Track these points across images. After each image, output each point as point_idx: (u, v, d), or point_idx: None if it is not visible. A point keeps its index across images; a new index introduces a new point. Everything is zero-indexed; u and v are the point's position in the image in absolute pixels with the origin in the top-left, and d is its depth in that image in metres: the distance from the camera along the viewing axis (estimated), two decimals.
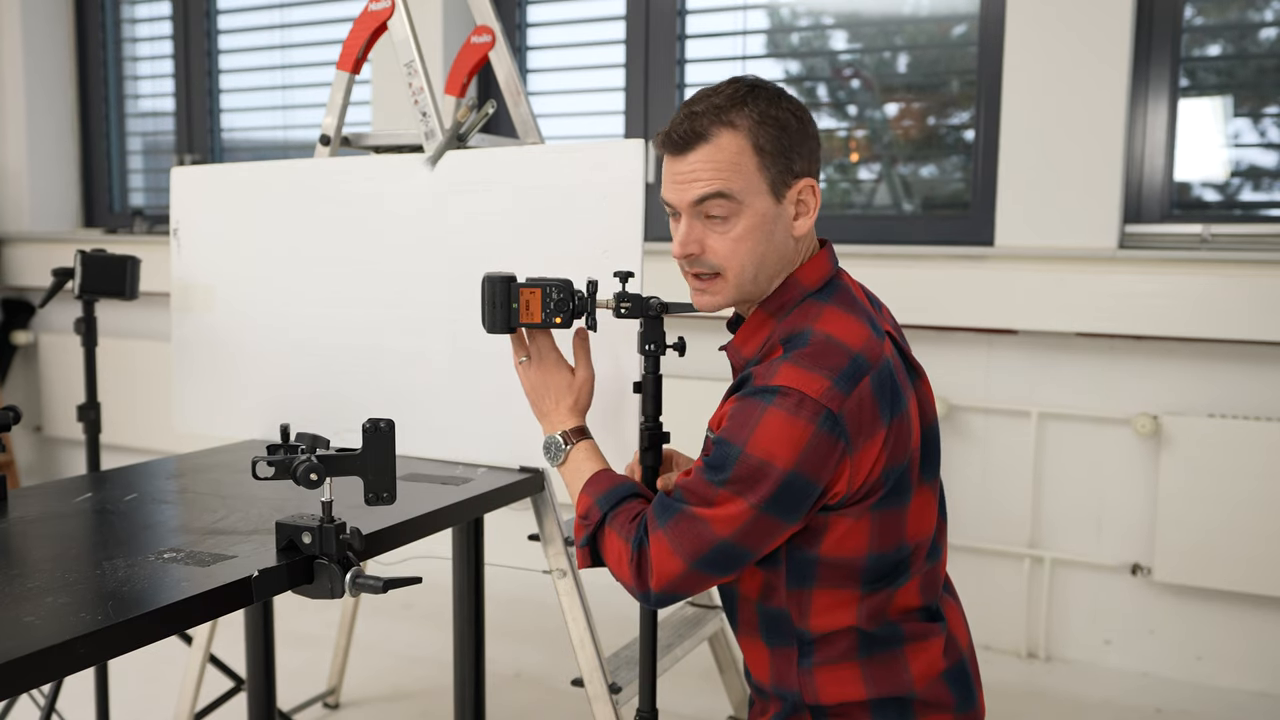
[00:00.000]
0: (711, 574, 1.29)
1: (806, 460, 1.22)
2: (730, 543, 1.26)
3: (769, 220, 1.33)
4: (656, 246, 1.89)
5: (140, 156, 4.76)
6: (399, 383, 2.06)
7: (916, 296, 3.07)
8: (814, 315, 1.32)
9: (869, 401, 1.24)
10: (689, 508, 1.28)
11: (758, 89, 1.33)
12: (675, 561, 1.28)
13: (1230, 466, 2.84)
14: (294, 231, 2.17)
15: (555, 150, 1.93)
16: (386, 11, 2.09)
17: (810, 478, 1.23)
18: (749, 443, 1.23)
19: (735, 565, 1.29)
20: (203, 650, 2.41)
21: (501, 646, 3.10)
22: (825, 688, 1.33)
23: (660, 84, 3.56)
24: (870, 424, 1.25)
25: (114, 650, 1.16)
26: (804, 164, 1.34)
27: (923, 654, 1.35)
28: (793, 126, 1.32)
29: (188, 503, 1.74)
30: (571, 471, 1.48)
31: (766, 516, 1.24)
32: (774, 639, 1.36)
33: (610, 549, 1.36)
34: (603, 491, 1.41)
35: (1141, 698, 2.90)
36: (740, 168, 1.31)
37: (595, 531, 1.39)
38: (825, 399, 1.22)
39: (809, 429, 1.21)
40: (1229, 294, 2.80)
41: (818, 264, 1.38)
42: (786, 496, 1.23)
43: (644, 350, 1.51)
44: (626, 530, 1.34)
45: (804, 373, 1.23)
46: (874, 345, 1.29)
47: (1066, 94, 2.96)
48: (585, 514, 1.41)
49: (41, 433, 4.68)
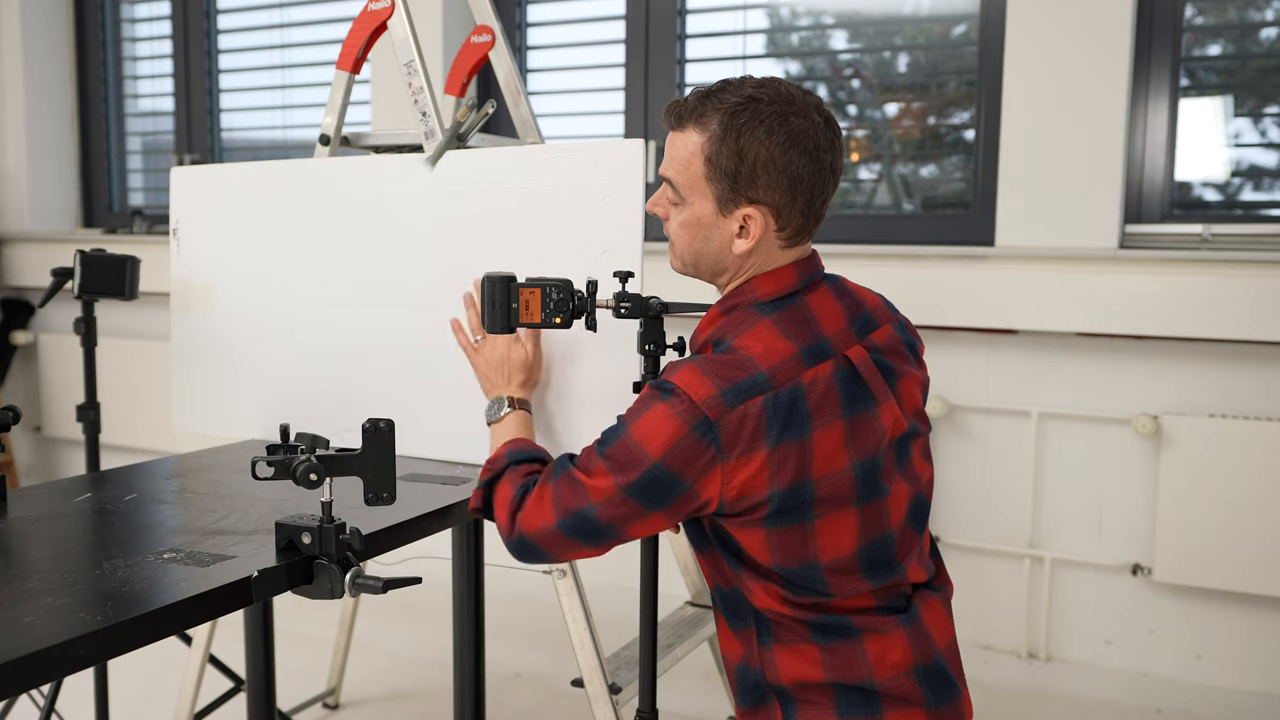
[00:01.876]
0: (574, 540, 1.35)
1: (673, 457, 1.26)
2: (594, 514, 1.32)
3: (705, 225, 1.36)
4: (657, 246, 1.89)
5: (140, 156, 4.76)
6: (399, 383, 2.05)
7: (916, 296, 3.07)
8: (745, 326, 1.33)
9: (753, 420, 1.26)
10: (574, 469, 1.35)
11: (749, 108, 1.30)
12: (547, 514, 1.36)
13: (1230, 466, 2.84)
14: (294, 231, 2.17)
15: (555, 150, 1.92)
16: (386, 11, 2.09)
17: (674, 474, 1.27)
18: (632, 426, 1.30)
19: (598, 538, 1.34)
20: (202, 650, 2.41)
21: (501, 646, 3.10)
22: (784, 668, 1.35)
23: (660, 84, 3.55)
24: (749, 441, 1.26)
25: (114, 650, 1.16)
26: (763, 194, 1.31)
27: (880, 645, 1.34)
28: (760, 159, 1.29)
29: (187, 503, 1.73)
30: (501, 429, 1.60)
31: (630, 501, 1.30)
32: (735, 620, 1.39)
33: (500, 494, 1.45)
34: (518, 449, 1.52)
35: (1141, 698, 2.90)
36: (690, 169, 1.34)
37: (494, 478, 1.48)
38: (705, 406, 1.26)
39: (682, 429, 1.26)
40: (1230, 294, 2.80)
41: (778, 277, 1.36)
42: (650, 486, 1.28)
43: (644, 350, 1.51)
44: (519, 480, 1.44)
45: (699, 377, 1.28)
46: (787, 369, 1.28)
47: (1067, 93, 2.96)
48: (494, 460, 1.51)
49: (41, 433, 4.68)
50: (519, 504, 1.41)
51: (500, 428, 1.61)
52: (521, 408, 1.64)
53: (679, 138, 1.36)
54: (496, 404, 1.65)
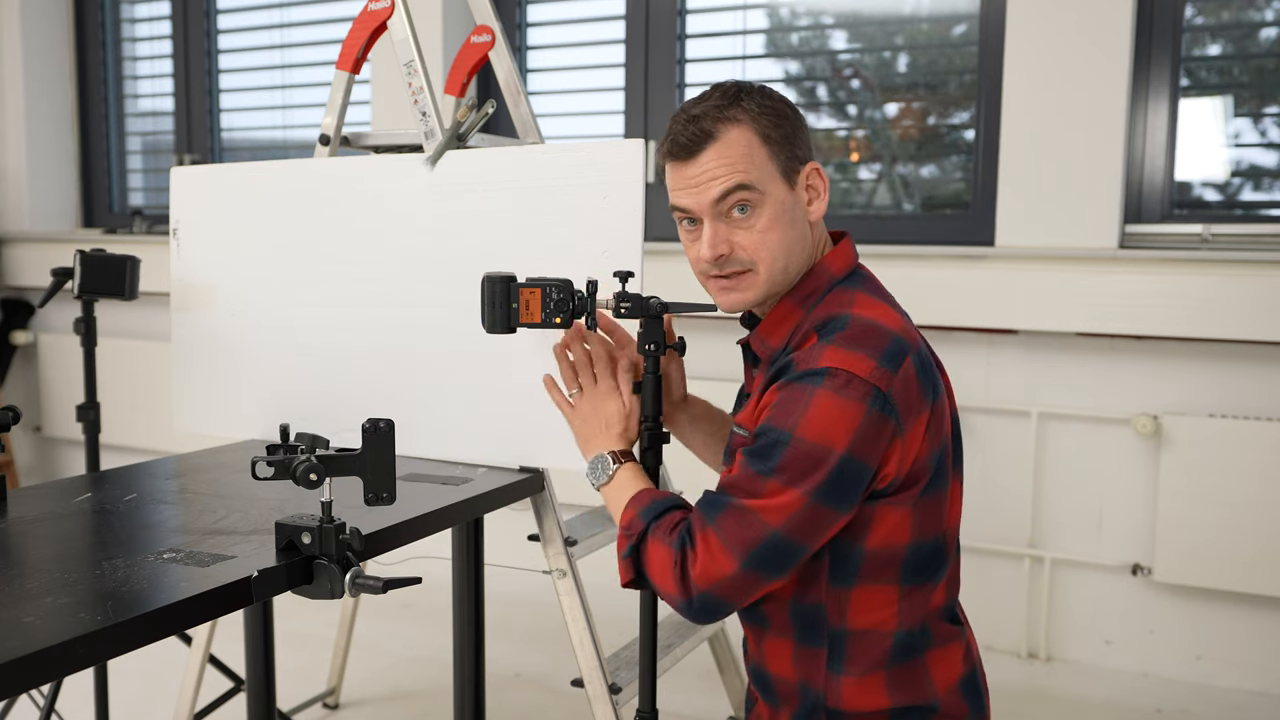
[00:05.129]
0: (762, 575, 1.24)
1: (860, 442, 1.20)
2: (782, 535, 1.21)
3: (789, 207, 1.34)
4: (656, 246, 1.89)
5: (140, 156, 4.76)
6: (399, 383, 2.05)
7: (916, 296, 3.05)
8: (847, 301, 1.32)
9: (914, 381, 1.24)
10: (736, 500, 1.24)
11: (743, 86, 1.36)
12: (725, 559, 1.23)
13: (1230, 466, 2.84)
14: (294, 231, 2.17)
15: (555, 150, 1.92)
16: (386, 11, 2.09)
17: (864, 460, 1.21)
18: (799, 427, 1.20)
19: (787, 563, 1.24)
20: (202, 650, 2.41)
21: (501, 646, 3.10)
22: (851, 696, 1.32)
23: (660, 84, 3.55)
24: (917, 404, 1.24)
25: (114, 650, 1.16)
26: (805, 149, 1.36)
27: (945, 660, 1.34)
28: (788, 114, 1.35)
29: (187, 503, 1.73)
30: (616, 489, 1.45)
31: (820, 506, 1.21)
32: (806, 637, 1.33)
33: (654, 558, 1.31)
34: (646, 504, 1.38)
35: (1141, 698, 2.90)
36: (753, 158, 1.31)
37: (638, 543, 1.34)
38: (874, 378, 1.20)
39: (861, 409, 1.19)
40: (1229, 294, 2.80)
41: (843, 252, 1.40)
42: (840, 482, 1.20)
43: (644, 350, 1.51)
44: (670, 537, 1.30)
45: (849, 353, 1.22)
46: (910, 329, 1.30)
47: (1067, 93, 2.96)
48: (628, 526, 1.37)
49: (41, 433, 4.68)
50: (684, 564, 1.27)
51: (613, 489, 1.45)
52: (629, 459, 1.49)
53: (718, 146, 1.31)
54: (599, 463, 1.48)
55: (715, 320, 1.58)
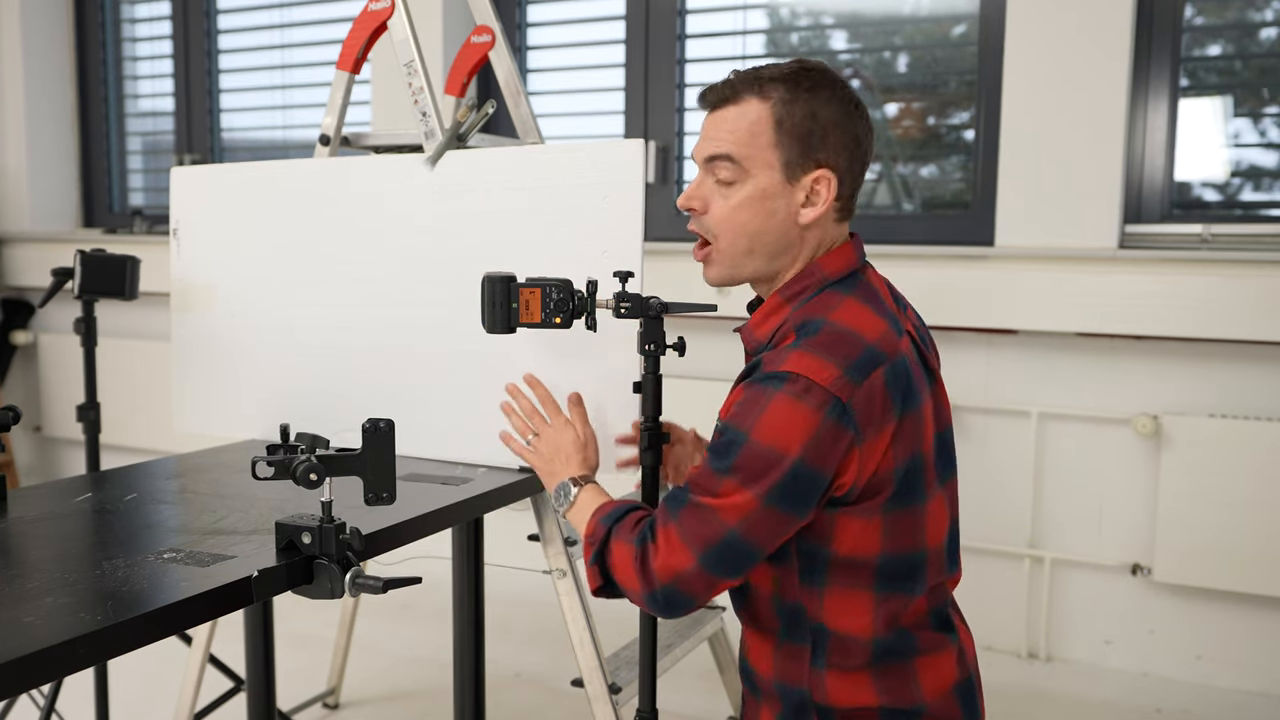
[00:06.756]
0: (718, 574, 1.25)
1: (814, 449, 1.19)
2: (737, 535, 1.22)
3: (770, 197, 1.31)
4: (656, 246, 1.90)
5: (140, 156, 4.76)
6: (399, 383, 2.05)
7: (916, 296, 3.02)
8: (832, 305, 1.30)
9: (880, 393, 1.22)
10: (695, 497, 1.25)
11: (812, 73, 1.32)
12: (684, 553, 1.24)
13: (1230, 466, 2.84)
14: (294, 231, 2.17)
15: (555, 150, 1.92)
16: (386, 11, 2.09)
17: (816, 468, 1.20)
18: (754, 429, 1.20)
19: (743, 564, 1.25)
20: (202, 650, 2.41)
21: (501, 646, 3.10)
22: (837, 691, 1.31)
23: (660, 84, 3.55)
24: (880, 416, 1.22)
25: (114, 650, 1.16)
26: (830, 157, 1.31)
27: (934, 666, 1.33)
28: (830, 119, 1.30)
29: (187, 503, 1.73)
30: (579, 509, 1.45)
31: (773, 509, 1.21)
32: (790, 634, 1.33)
33: (617, 557, 1.32)
34: (607, 512, 1.39)
35: (1141, 698, 2.90)
36: (755, 138, 1.30)
37: (602, 547, 1.35)
38: (834, 387, 1.19)
39: (816, 416, 1.18)
40: (1229, 294, 2.80)
41: (842, 254, 1.37)
42: (793, 486, 1.20)
43: (644, 350, 1.51)
44: (632, 534, 1.31)
45: (814, 359, 1.20)
46: (890, 339, 1.27)
47: (1067, 93, 2.96)
48: (592, 534, 1.38)
49: (41, 433, 4.68)
50: (644, 558, 1.27)
51: (577, 510, 1.46)
52: (589, 483, 1.49)
53: (734, 111, 1.31)
54: (561, 490, 1.49)
55: (715, 320, 1.58)
